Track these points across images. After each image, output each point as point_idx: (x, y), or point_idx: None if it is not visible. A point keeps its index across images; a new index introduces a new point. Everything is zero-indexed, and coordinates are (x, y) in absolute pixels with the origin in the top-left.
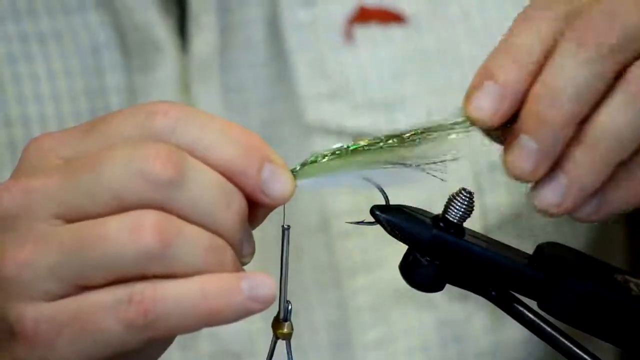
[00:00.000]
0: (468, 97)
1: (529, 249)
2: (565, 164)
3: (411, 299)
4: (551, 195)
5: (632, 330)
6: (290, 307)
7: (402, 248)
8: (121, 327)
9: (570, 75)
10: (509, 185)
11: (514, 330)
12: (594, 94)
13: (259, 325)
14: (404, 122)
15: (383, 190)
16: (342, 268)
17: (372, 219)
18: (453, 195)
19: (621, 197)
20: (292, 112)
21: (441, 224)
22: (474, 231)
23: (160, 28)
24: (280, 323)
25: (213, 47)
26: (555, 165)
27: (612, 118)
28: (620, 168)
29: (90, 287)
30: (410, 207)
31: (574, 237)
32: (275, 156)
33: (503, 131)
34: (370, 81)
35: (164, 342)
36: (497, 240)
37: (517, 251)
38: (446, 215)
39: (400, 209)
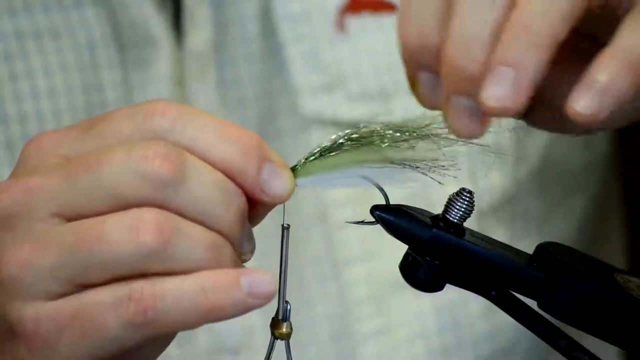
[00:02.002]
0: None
1: (521, 232)
2: (499, 58)
3: (408, 287)
4: (498, 91)
5: (632, 330)
6: (289, 307)
7: None
8: (121, 325)
9: (472, 17)
10: (502, 168)
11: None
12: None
13: (257, 320)
14: (399, 111)
15: (383, 190)
16: (340, 259)
17: (372, 219)
18: (453, 195)
19: (615, 81)
20: (289, 105)
21: (441, 224)
22: (474, 231)
23: (156, 24)
24: (279, 323)
25: (208, 42)
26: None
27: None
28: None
29: (90, 285)
30: (410, 206)
31: (569, 221)
32: (275, 155)
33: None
34: (365, 71)
35: (164, 340)
36: (497, 240)
37: (517, 251)
38: (446, 215)
39: (400, 209)
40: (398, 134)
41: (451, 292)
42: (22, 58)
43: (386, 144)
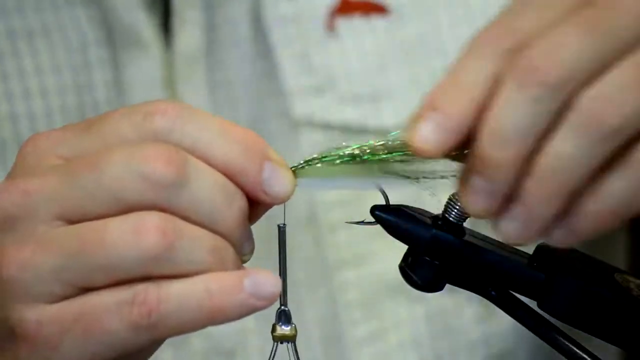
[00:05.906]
0: (412, 127)
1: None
2: (520, 196)
3: (401, 293)
4: (511, 227)
5: (632, 330)
6: (286, 311)
7: (391, 241)
8: (125, 328)
9: (513, 115)
10: None
11: (504, 320)
12: (539, 130)
13: (251, 323)
14: (389, 114)
15: (383, 191)
16: (331, 262)
17: (371, 219)
18: (453, 195)
19: (588, 221)
20: (279, 108)
21: (441, 224)
22: (473, 231)
23: (145, 26)
24: (275, 325)
25: (198, 44)
26: (512, 197)
27: (558, 149)
28: (582, 191)
29: (93, 288)
30: (410, 207)
31: None
32: (275, 155)
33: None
34: (355, 74)
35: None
36: (497, 240)
37: (517, 251)
38: (446, 215)
39: (400, 209)
40: (400, 153)
41: (444, 298)
42: (14, 57)
43: (391, 162)
